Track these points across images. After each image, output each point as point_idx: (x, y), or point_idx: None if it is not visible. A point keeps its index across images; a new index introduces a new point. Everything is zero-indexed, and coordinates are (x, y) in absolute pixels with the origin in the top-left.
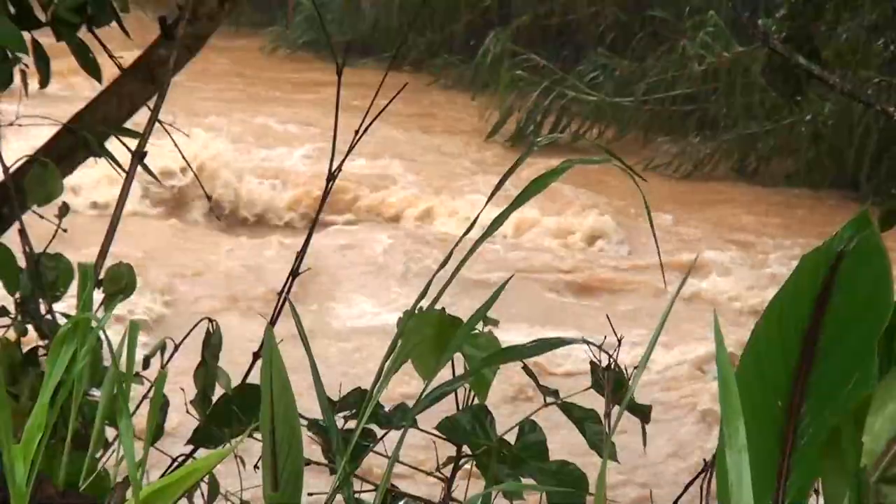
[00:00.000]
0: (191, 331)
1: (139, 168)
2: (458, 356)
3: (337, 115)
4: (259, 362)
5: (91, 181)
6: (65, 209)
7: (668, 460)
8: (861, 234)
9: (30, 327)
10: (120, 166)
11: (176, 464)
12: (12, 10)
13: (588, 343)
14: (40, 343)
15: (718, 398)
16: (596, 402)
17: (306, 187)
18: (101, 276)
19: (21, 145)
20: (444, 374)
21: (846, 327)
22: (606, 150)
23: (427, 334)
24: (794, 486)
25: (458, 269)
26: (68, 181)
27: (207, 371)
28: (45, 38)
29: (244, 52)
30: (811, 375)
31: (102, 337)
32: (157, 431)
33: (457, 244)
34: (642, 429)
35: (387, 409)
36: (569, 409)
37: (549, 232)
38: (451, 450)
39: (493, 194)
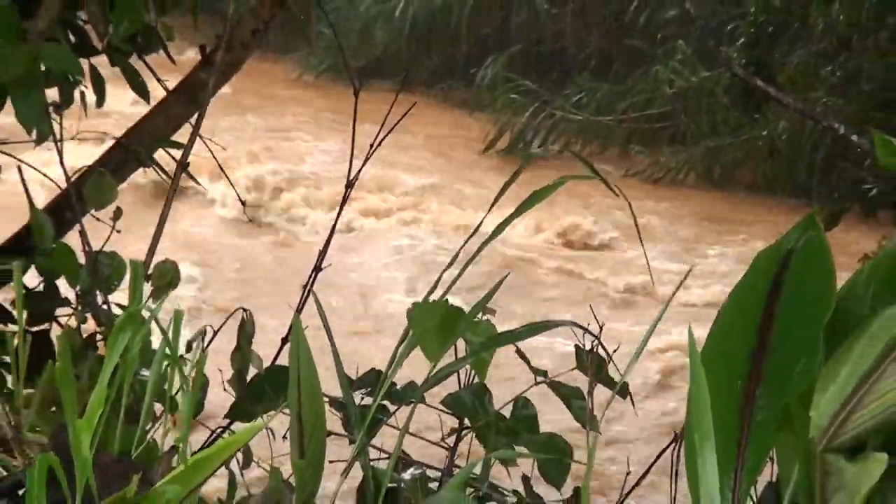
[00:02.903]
0: (227, 318)
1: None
2: (460, 342)
3: (354, 130)
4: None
5: None
6: (119, 212)
7: None
8: (808, 234)
9: (88, 316)
10: (167, 174)
11: (214, 435)
12: (73, 39)
13: (576, 326)
14: (97, 330)
15: (688, 383)
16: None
17: None
18: (150, 271)
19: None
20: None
21: (795, 318)
22: (590, 165)
23: (433, 323)
24: (752, 456)
25: (463, 269)
26: None
27: (242, 355)
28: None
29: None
30: (766, 360)
31: (154, 325)
32: (197, 407)
33: (462, 247)
34: (631, 401)
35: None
36: (556, 387)
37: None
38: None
39: (493, 205)
